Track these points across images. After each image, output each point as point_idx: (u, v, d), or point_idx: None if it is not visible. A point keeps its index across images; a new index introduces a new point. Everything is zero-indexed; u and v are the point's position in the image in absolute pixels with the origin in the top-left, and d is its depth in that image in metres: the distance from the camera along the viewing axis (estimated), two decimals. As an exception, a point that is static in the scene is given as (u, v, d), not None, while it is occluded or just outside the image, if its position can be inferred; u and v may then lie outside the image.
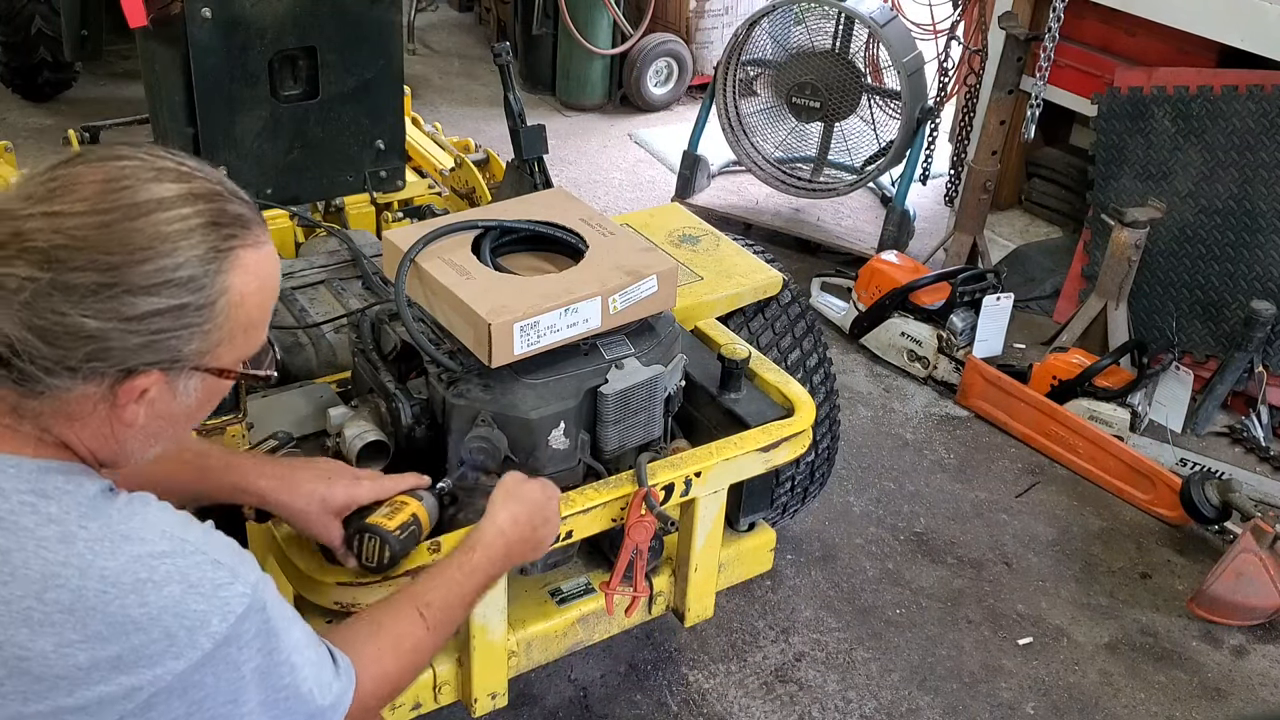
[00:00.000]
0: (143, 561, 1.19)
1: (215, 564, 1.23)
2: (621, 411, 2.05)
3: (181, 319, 1.20)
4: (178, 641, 1.18)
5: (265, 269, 1.28)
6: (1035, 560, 3.22)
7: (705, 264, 2.70)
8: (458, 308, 1.94)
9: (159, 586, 1.18)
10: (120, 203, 1.17)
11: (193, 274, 1.19)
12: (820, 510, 3.31)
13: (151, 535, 1.21)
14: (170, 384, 1.24)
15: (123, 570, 1.17)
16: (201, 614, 1.19)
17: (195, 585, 1.20)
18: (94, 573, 1.16)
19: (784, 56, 4.76)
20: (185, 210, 1.20)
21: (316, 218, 3.10)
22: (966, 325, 3.92)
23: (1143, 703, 2.80)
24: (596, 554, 2.34)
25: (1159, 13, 3.93)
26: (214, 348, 1.24)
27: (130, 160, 1.22)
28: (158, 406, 1.25)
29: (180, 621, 1.18)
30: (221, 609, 1.21)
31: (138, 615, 1.16)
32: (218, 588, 1.21)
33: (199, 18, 2.61)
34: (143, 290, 1.17)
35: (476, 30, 7.16)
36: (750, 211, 4.93)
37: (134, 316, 1.17)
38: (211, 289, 1.21)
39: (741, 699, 2.72)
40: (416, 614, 1.55)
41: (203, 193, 1.22)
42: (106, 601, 1.16)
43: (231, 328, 1.25)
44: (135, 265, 1.16)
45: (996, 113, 4.38)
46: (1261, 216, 3.76)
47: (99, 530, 1.19)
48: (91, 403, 1.22)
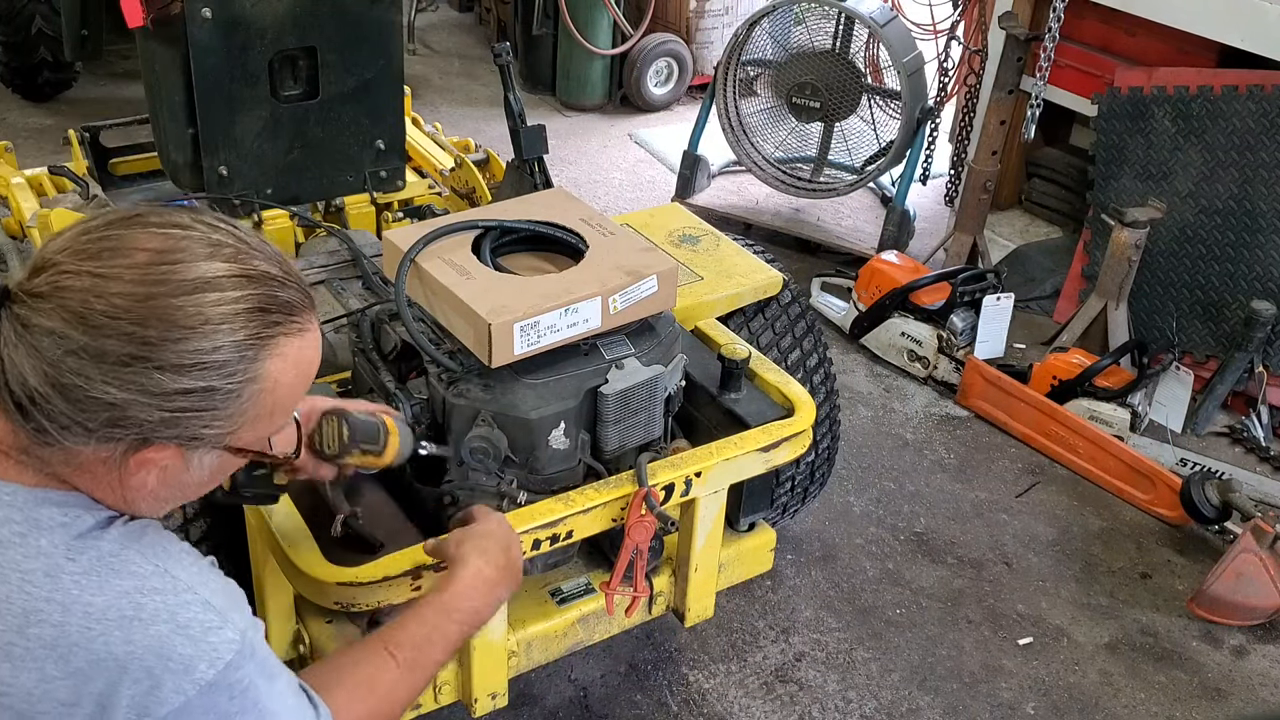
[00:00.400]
0: (130, 598, 1.15)
1: (206, 605, 1.19)
2: (621, 411, 2.05)
3: (208, 401, 1.16)
4: (162, 685, 1.14)
5: (305, 356, 1.24)
6: (1035, 560, 3.22)
7: (705, 264, 2.70)
8: (458, 308, 1.94)
9: (145, 625, 1.15)
10: (168, 277, 1.14)
11: (227, 359, 1.16)
12: (820, 510, 3.31)
13: (144, 569, 1.18)
14: (185, 458, 1.21)
15: (108, 606, 1.14)
16: (188, 658, 1.16)
17: (184, 627, 1.16)
18: (78, 608, 1.13)
19: (784, 56, 4.76)
20: (233, 294, 1.16)
21: (316, 218, 3.10)
22: (966, 325, 3.92)
23: (1143, 703, 2.80)
24: (596, 554, 2.34)
25: (1159, 13, 3.93)
26: (237, 429, 1.21)
27: (188, 230, 1.18)
28: (169, 475, 1.22)
29: (165, 664, 1.15)
30: (209, 654, 1.17)
31: (121, 653, 1.13)
32: (207, 631, 1.18)
33: (199, 18, 2.61)
34: (173, 369, 1.14)
35: (476, 30, 7.16)
36: (750, 211, 4.93)
37: (160, 393, 1.14)
38: (244, 376, 1.17)
39: (741, 699, 2.72)
40: (386, 654, 1.49)
41: (255, 275, 1.19)
42: (90, 638, 1.13)
43: (258, 413, 1.21)
44: (170, 344, 1.13)
45: (996, 113, 4.38)
46: (1261, 216, 3.76)
47: (88, 563, 1.16)
48: (102, 463, 1.19)
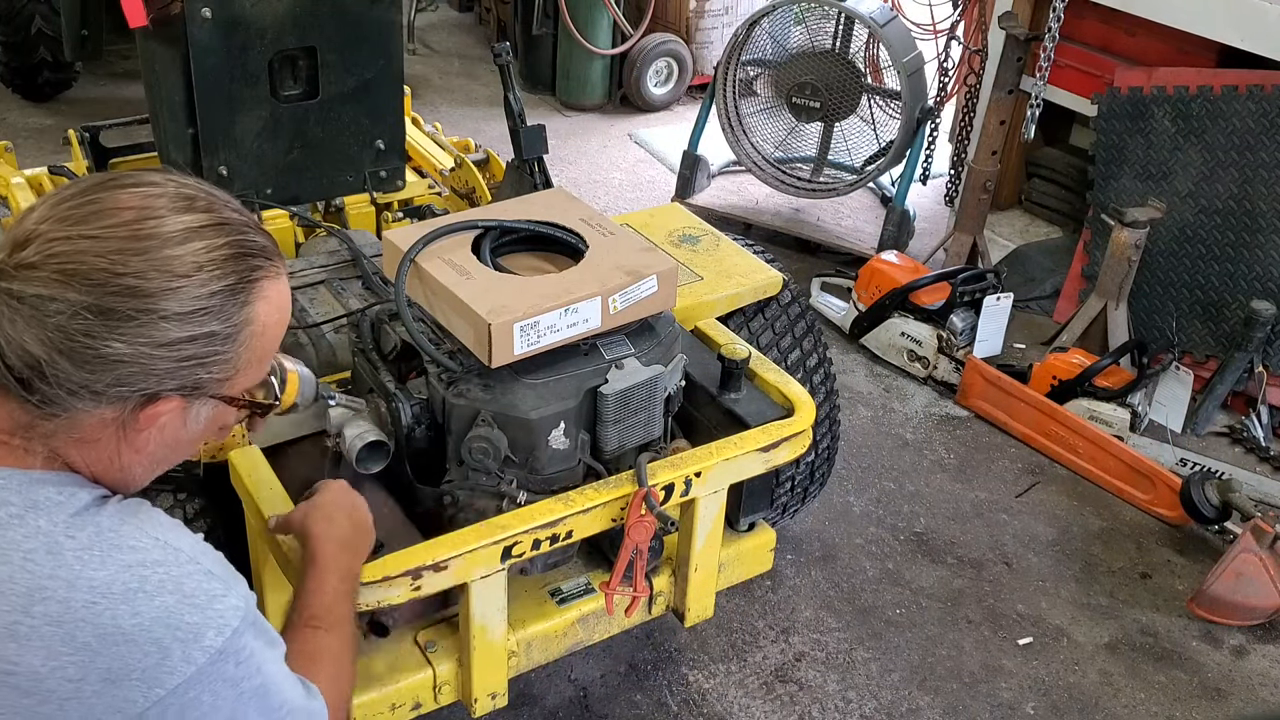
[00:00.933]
0: (133, 570, 1.17)
1: (209, 575, 1.21)
2: (621, 411, 2.05)
3: (209, 346, 1.20)
4: (170, 655, 1.16)
5: (284, 300, 1.30)
6: (1035, 560, 3.22)
7: (705, 264, 2.70)
8: (458, 308, 1.94)
9: (150, 596, 1.16)
10: (157, 230, 1.18)
11: (223, 303, 1.20)
12: (820, 510, 3.31)
13: (144, 543, 1.19)
14: (184, 410, 1.24)
15: (112, 580, 1.16)
16: (195, 626, 1.17)
17: (189, 596, 1.18)
18: (82, 583, 1.15)
19: (784, 56, 4.76)
20: (216, 240, 1.21)
21: (316, 218, 3.10)
22: (966, 325, 3.92)
23: (1143, 703, 2.80)
24: (596, 554, 2.34)
25: (1159, 13, 3.93)
26: (232, 376, 1.25)
27: (162, 186, 1.23)
28: (168, 434, 1.25)
29: (173, 633, 1.16)
30: (216, 621, 1.19)
31: (128, 626, 1.14)
32: (212, 599, 1.20)
33: (199, 18, 2.61)
34: (177, 317, 1.17)
35: (476, 30, 7.16)
36: (750, 211, 4.93)
37: (166, 343, 1.17)
38: (239, 318, 1.22)
39: (741, 699, 2.72)
40: (310, 629, 1.52)
41: (229, 222, 1.24)
42: (96, 612, 1.14)
43: (250, 357, 1.26)
44: (172, 293, 1.17)
45: (996, 113, 4.38)
46: (1261, 216, 3.76)
47: (88, 539, 1.17)
48: (105, 426, 1.21)
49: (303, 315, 2.46)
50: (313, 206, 3.14)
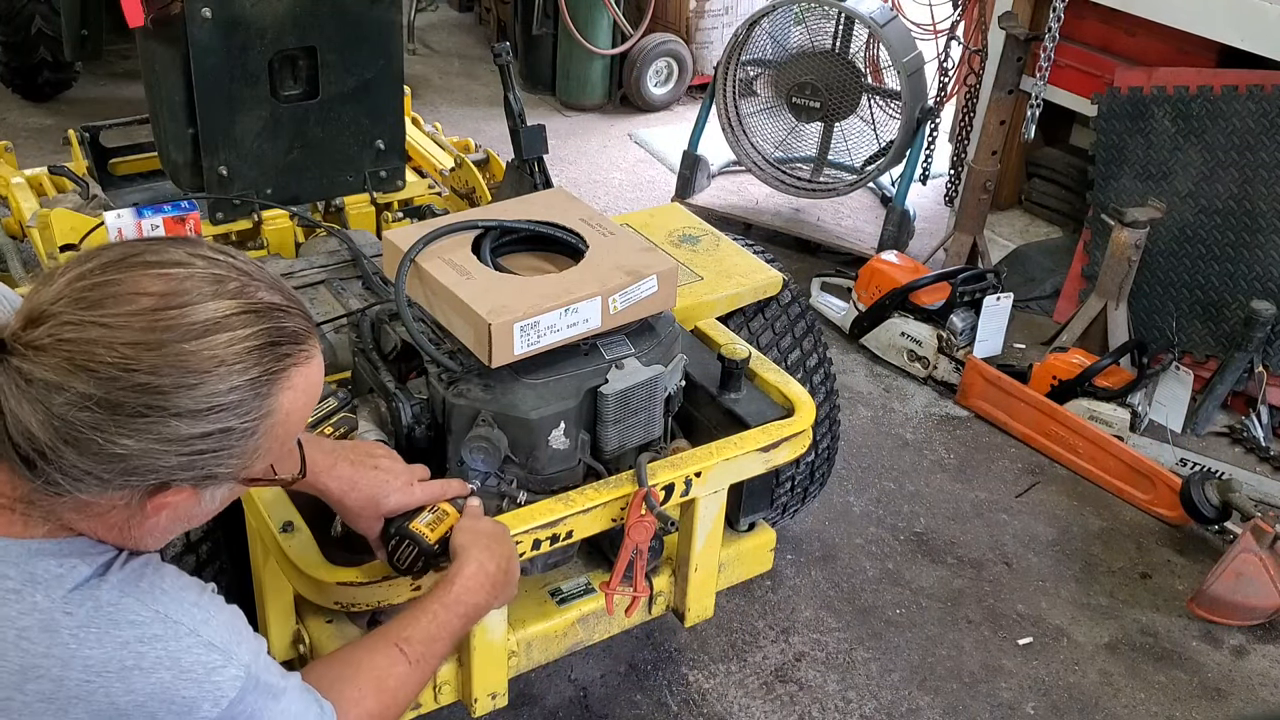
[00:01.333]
0: (130, 648, 1.14)
1: (208, 647, 1.18)
2: (621, 411, 2.05)
3: (224, 442, 1.15)
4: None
5: (313, 381, 1.24)
6: (1035, 560, 3.22)
7: (705, 264, 2.70)
8: (458, 308, 1.94)
9: (147, 673, 1.14)
10: (177, 322, 1.11)
11: (242, 399, 1.14)
12: (820, 510, 3.31)
13: (143, 617, 1.16)
14: (198, 493, 1.20)
15: (109, 659, 1.13)
16: (191, 700, 1.15)
17: (186, 670, 1.16)
18: (77, 663, 1.12)
19: (784, 56, 4.76)
20: (243, 332, 1.14)
21: (316, 218, 3.11)
22: (966, 325, 3.92)
23: (1143, 703, 2.80)
24: (596, 554, 2.34)
25: (1159, 13, 3.93)
26: (251, 463, 1.21)
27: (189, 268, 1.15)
28: (180, 512, 1.22)
29: (168, 708, 1.14)
30: (213, 694, 1.17)
31: (122, 703, 1.13)
32: (210, 672, 1.17)
33: (199, 18, 2.61)
34: (190, 415, 1.12)
35: (476, 30, 7.16)
36: (750, 211, 4.93)
37: (176, 440, 1.12)
38: (259, 413, 1.16)
39: (741, 699, 2.72)
40: (397, 650, 1.50)
41: (261, 308, 1.17)
42: (90, 690, 1.12)
43: (271, 444, 1.21)
44: (185, 390, 1.11)
45: (996, 113, 4.38)
46: (1261, 216, 3.76)
47: (85, 616, 1.14)
48: (113, 505, 1.17)
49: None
50: (313, 206, 3.14)
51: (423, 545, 1.76)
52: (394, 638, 1.52)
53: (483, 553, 1.68)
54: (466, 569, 1.64)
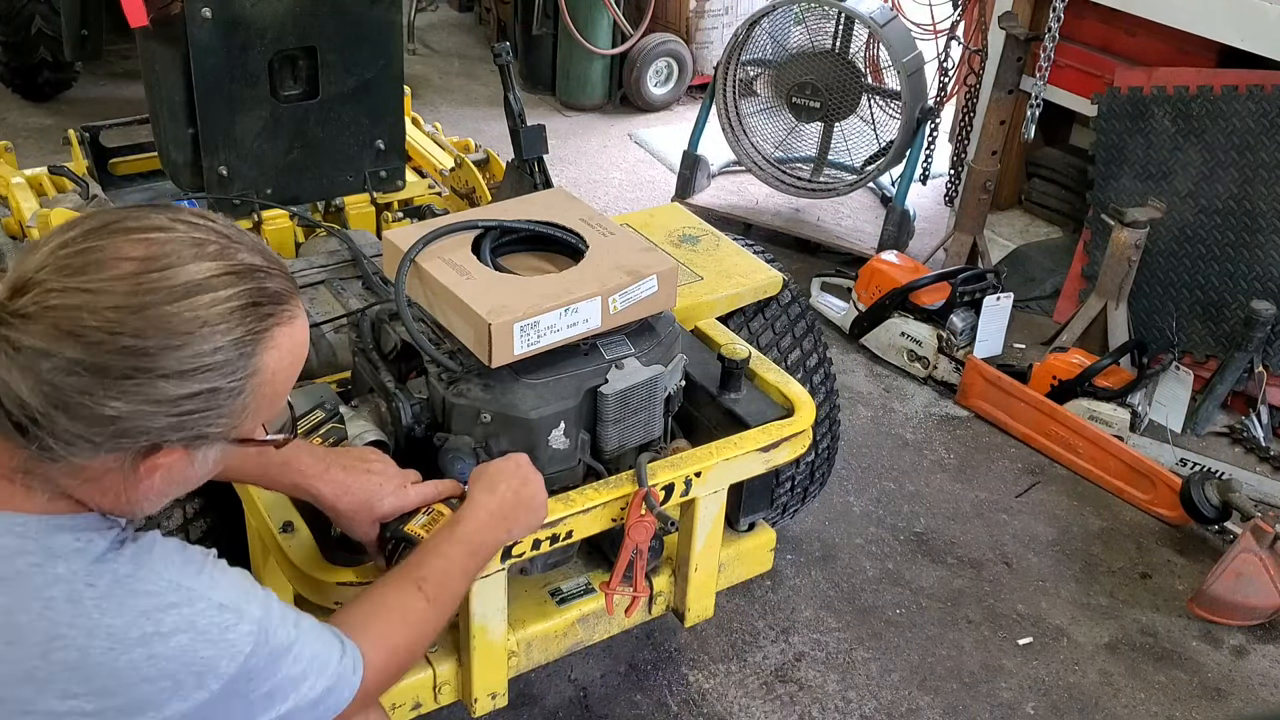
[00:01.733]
0: (149, 616, 1.18)
1: (221, 608, 1.23)
2: (621, 411, 2.05)
3: (212, 401, 1.18)
4: (184, 686, 1.18)
5: (298, 342, 1.26)
6: (1035, 560, 3.22)
7: (705, 264, 2.70)
8: (458, 308, 1.94)
9: (166, 638, 1.18)
10: (159, 284, 1.14)
11: (227, 358, 1.17)
12: (820, 510, 3.31)
13: (159, 586, 1.20)
14: (190, 455, 1.23)
15: (129, 626, 1.17)
16: (209, 659, 1.20)
17: (203, 632, 1.20)
18: (100, 631, 1.15)
19: (784, 56, 4.76)
20: (225, 292, 1.17)
21: (316, 218, 3.10)
22: (966, 325, 3.92)
23: (1143, 703, 2.80)
24: (596, 554, 2.34)
25: (1159, 13, 3.93)
26: (241, 423, 1.23)
27: (170, 232, 1.18)
28: (174, 474, 1.24)
29: (188, 669, 1.19)
30: (230, 651, 1.22)
31: (145, 668, 1.16)
32: (225, 631, 1.22)
33: (199, 18, 2.61)
34: (177, 375, 1.14)
35: (476, 30, 7.16)
36: (750, 211, 4.93)
37: (165, 400, 1.15)
38: (245, 372, 1.19)
39: (741, 699, 2.72)
40: (415, 588, 1.56)
41: (242, 269, 1.20)
42: (113, 658, 1.15)
43: (259, 403, 1.24)
44: (171, 351, 1.14)
45: (996, 113, 4.38)
46: (1261, 216, 3.76)
47: (106, 587, 1.18)
48: (107, 470, 1.20)
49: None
50: (313, 206, 3.14)
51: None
52: (411, 576, 1.58)
53: (482, 492, 1.72)
54: (467, 509, 1.70)
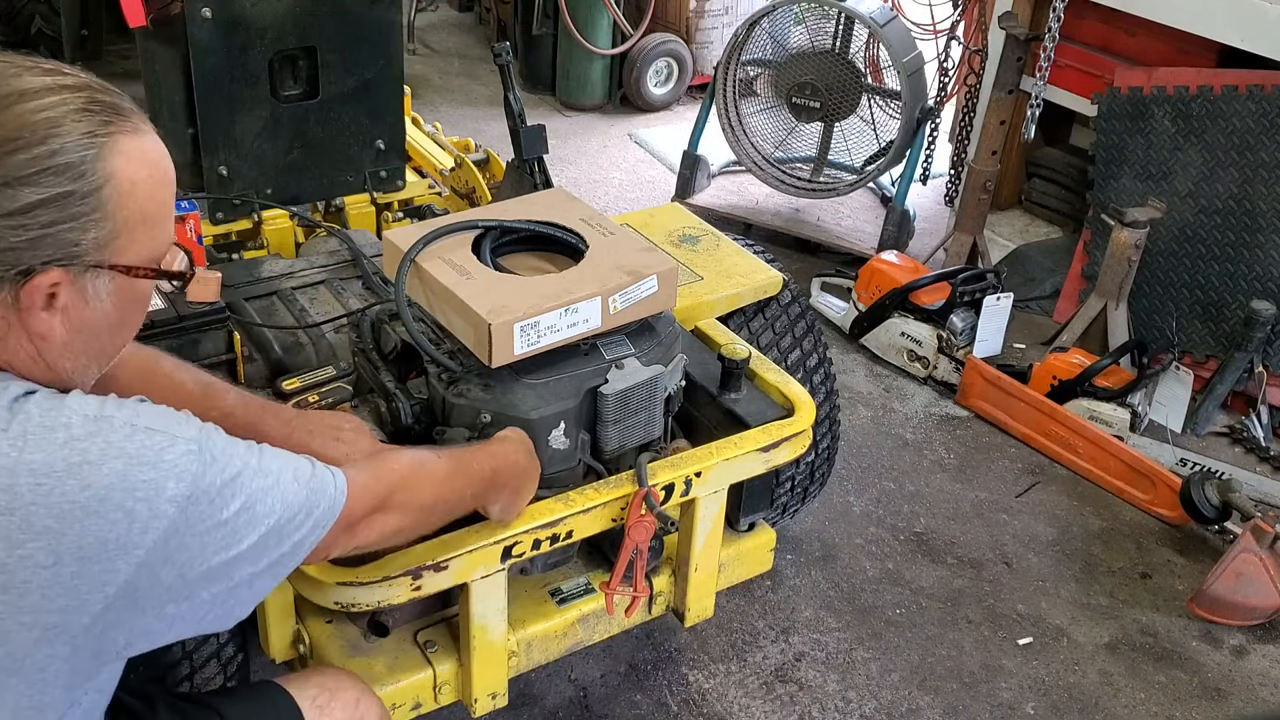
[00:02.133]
0: (71, 446, 1.15)
1: (148, 430, 1.19)
2: (621, 411, 2.05)
3: (67, 209, 1.17)
4: (137, 515, 1.15)
5: (151, 157, 1.25)
6: (1035, 560, 3.22)
7: (705, 264, 2.70)
8: (458, 308, 1.94)
9: (96, 466, 1.15)
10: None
11: (69, 160, 1.17)
12: (820, 510, 3.31)
13: (75, 420, 1.17)
14: (76, 286, 1.21)
15: (52, 459, 1.14)
16: (153, 482, 1.16)
17: (134, 456, 1.17)
18: (22, 469, 1.13)
19: (784, 56, 4.76)
20: (52, 99, 1.18)
21: (316, 218, 3.10)
22: (966, 325, 3.92)
23: (1143, 703, 2.80)
24: (596, 554, 2.34)
25: (1159, 13, 3.93)
26: (112, 240, 1.21)
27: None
28: (72, 315, 1.22)
29: (132, 495, 1.15)
30: (173, 472, 1.18)
31: (83, 500, 1.13)
32: (159, 453, 1.18)
33: (199, 18, 2.61)
34: (19, 181, 1.14)
35: (476, 30, 7.16)
36: (750, 211, 4.93)
37: (16, 210, 1.14)
38: (94, 175, 1.18)
39: (741, 699, 2.72)
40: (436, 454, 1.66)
41: (71, 84, 1.20)
42: (45, 493, 1.13)
43: (127, 218, 1.22)
44: (6, 157, 1.14)
45: (996, 113, 4.38)
46: (1261, 216, 3.76)
47: (19, 427, 1.15)
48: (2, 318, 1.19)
49: (303, 315, 2.46)
50: (313, 206, 3.14)
51: None
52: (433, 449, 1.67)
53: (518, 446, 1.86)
54: (501, 445, 1.84)
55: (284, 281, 2.56)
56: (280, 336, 2.37)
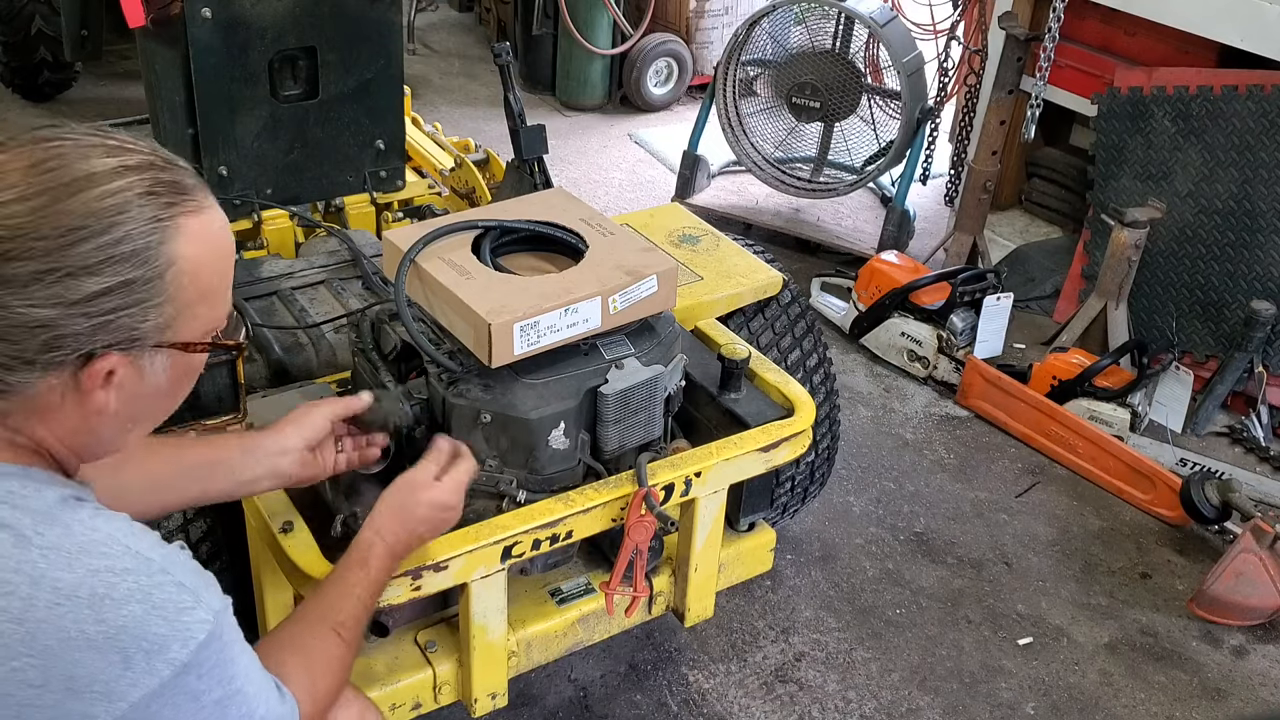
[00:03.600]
0: (100, 576, 1.13)
1: (179, 586, 1.18)
2: (621, 411, 2.05)
3: (131, 296, 1.16)
4: (134, 666, 1.12)
5: (213, 233, 1.24)
6: (1035, 560, 3.22)
7: (705, 264, 2.70)
8: (458, 308, 1.94)
9: (118, 605, 1.13)
10: (49, 185, 1.14)
11: (135, 248, 1.15)
12: (820, 510, 3.31)
13: (114, 550, 1.16)
14: (135, 364, 1.20)
15: (79, 584, 1.12)
16: (162, 638, 1.14)
17: (158, 606, 1.15)
18: (46, 583, 1.11)
19: (784, 56, 4.75)
20: (118, 183, 1.16)
21: (316, 218, 3.10)
22: (966, 325, 3.92)
23: (1143, 703, 2.80)
24: (596, 554, 2.34)
25: (1159, 13, 3.93)
26: (173, 322, 1.21)
27: (56, 142, 1.18)
28: (127, 389, 1.21)
29: (139, 644, 1.13)
30: (183, 634, 1.16)
31: (93, 633, 1.11)
32: (180, 611, 1.16)
33: (199, 18, 2.61)
34: (84, 271, 1.13)
35: (476, 30, 7.16)
36: (750, 211, 4.93)
37: (81, 299, 1.13)
38: (158, 261, 1.17)
39: (741, 699, 2.72)
40: (336, 635, 1.56)
41: (135, 164, 1.19)
42: (59, 614, 1.10)
43: (188, 299, 1.21)
44: (72, 246, 1.13)
45: (996, 113, 4.38)
46: (1261, 216, 3.76)
47: (55, 539, 1.13)
48: (58, 394, 1.18)
49: (303, 315, 2.46)
50: (313, 206, 3.14)
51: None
52: (330, 622, 1.57)
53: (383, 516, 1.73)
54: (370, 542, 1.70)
55: (284, 281, 2.56)
56: (280, 336, 2.37)
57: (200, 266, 1.22)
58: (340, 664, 1.55)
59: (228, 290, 1.30)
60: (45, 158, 1.16)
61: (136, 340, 1.19)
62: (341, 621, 1.58)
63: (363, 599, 1.64)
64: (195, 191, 1.23)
